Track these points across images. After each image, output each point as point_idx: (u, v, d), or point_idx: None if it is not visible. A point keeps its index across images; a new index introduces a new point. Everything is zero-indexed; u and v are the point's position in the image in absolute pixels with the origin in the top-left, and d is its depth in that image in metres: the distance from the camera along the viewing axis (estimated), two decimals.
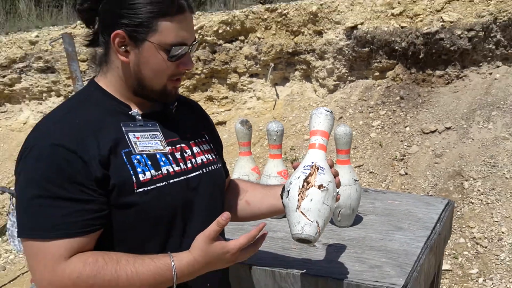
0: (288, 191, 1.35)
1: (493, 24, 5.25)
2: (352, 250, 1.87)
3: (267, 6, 6.36)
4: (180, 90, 6.46)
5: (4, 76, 6.98)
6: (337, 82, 6.09)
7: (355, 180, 2.07)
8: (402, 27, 5.58)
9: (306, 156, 1.42)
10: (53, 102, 6.96)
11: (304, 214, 1.30)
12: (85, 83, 1.56)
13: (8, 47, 6.93)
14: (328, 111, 1.50)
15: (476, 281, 3.71)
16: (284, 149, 5.35)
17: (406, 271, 1.69)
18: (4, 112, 7.21)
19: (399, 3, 5.67)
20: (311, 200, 1.30)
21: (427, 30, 5.42)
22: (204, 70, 6.54)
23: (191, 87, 6.63)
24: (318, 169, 1.35)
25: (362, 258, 1.80)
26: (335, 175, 1.41)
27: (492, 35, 5.29)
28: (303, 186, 1.33)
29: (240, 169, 2.27)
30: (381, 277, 1.65)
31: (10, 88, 7.05)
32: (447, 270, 3.83)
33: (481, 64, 5.46)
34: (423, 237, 1.99)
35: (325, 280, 1.66)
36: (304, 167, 1.37)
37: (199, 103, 5.61)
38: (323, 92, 6.18)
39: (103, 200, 1.18)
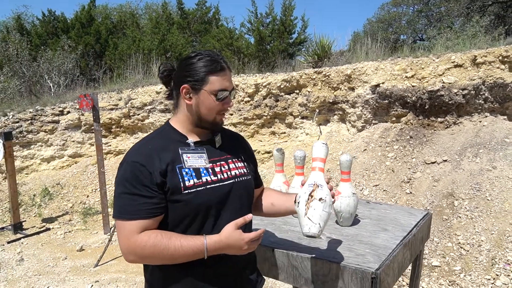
0: (299, 202, 1.43)
1: (482, 85, 5.05)
2: (347, 243, 1.89)
3: (316, 69, 6.45)
4: (252, 127, 6.71)
5: (139, 114, 7.45)
6: (364, 124, 6.04)
7: (353, 193, 2.10)
8: (413, 86, 5.48)
9: (310, 177, 1.50)
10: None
11: (310, 219, 1.38)
12: None
13: (142, 95, 7.43)
14: (324, 143, 1.57)
15: (458, 275, 3.53)
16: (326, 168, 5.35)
17: (381, 259, 1.70)
18: (137, 138, 7.60)
19: (411, 69, 5.58)
20: (314, 209, 1.39)
21: (431, 88, 5.30)
22: (270, 113, 6.68)
23: (260, 124, 6.78)
24: (318, 187, 1.43)
25: (352, 248, 1.82)
26: (331, 189, 1.47)
27: (481, 93, 5.08)
28: (308, 199, 1.41)
29: (275, 182, 2.35)
30: (362, 262, 1.67)
31: (142, 122, 7.51)
32: (436, 266, 3.67)
33: (473, 114, 5.24)
34: (400, 237, 1.97)
35: (322, 261, 1.70)
36: (308, 185, 1.45)
37: (265, 136, 5.77)
38: (354, 131, 6.14)
39: (162, 197, 1.32)
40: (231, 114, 6.80)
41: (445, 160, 4.79)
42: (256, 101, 6.70)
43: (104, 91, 7.74)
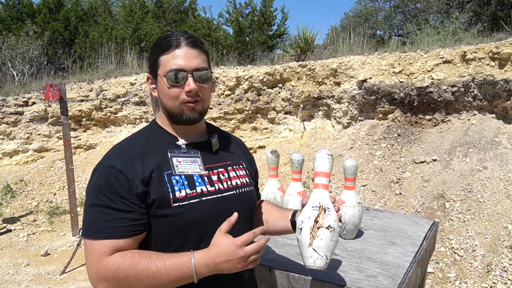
0: (301, 229, 1.20)
1: (471, 82, 4.94)
2: (353, 260, 1.69)
3: (300, 62, 6.22)
4: (233, 122, 6.42)
5: (111, 107, 7.05)
6: (350, 121, 5.86)
7: (358, 203, 1.90)
8: (401, 82, 5.33)
9: (313, 196, 1.26)
10: (143, 126, 7.01)
11: (315, 251, 1.17)
12: None
13: (115, 86, 7.03)
14: (329, 154, 1.33)
15: (453, 283, 3.38)
16: (307, 169, 5.15)
17: (396, 282, 1.51)
18: (110, 131, 7.25)
19: (399, 64, 5.42)
20: (321, 239, 1.17)
21: (419, 85, 5.16)
22: (251, 108, 6.42)
23: (241, 119, 6.51)
24: (325, 211, 1.20)
25: (361, 268, 1.62)
26: (337, 210, 1.24)
27: (470, 90, 4.98)
28: (313, 226, 1.19)
29: (268, 188, 2.12)
30: (375, 286, 1.47)
31: (115, 115, 7.11)
32: (430, 272, 3.52)
33: (461, 112, 5.13)
34: (412, 253, 1.78)
35: (330, 285, 1.49)
36: (313, 207, 1.21)
37: (246, 132, 5.48)
38: (339, 128, 5.95)
39: (143, 211, 1.08)
40: (210, 108, 6.49)
41: (435, 160, 4.66)
42: (237, 95, 6.41)
43: (74, 81, 7.28)
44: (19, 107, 6.86)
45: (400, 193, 4.43)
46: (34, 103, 6.92)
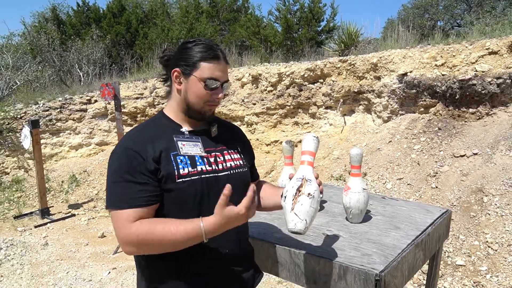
0: (285, 197, 1.36)
1: None
2: (354, 241, 1.79)
3: (341, 58, 6.23)
4: (275, 117, 6.58)
5: (163, 103, 7.44)
6: (390, 115, 5.79)
7: (364, 189, 1.99)
8: (443, 75, 5.19)
9: (298, 171, 1.42)
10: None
11: (296, 215, 1.31)
12: None
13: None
14: (314, 137, 1.48)
15: (484, 276, 3.31)
16: (345, 163, 5.18)
17: (388, 260, 1.60)
18: None
19: (441, 56, 5.28)
20: (302, 204, 1.31)
21: (462, 77, 4.99)
22: (293, 103, 6.53)
23: (283, 114, 6.65)
24: (307, 181, 1.35)
25: (359, 247, 1.72)
26: (319, 184, 1.39)
27: None
28: (295, 194, 1.34)
29: (284, 175, 2.25)
30: (367, 263, 1.58)
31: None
32: (460, 265, 3.47)
33: (508, 104, 4.90)
34: (412, 236, 1.85)
35: (325, 260, 1.62)
36: (297, 179, 1.38)
37: (288, 126, 5.64)
38: (379, 122, 5.90)
39: (156, 184, 1.29)
40: (254, 104, 6.70)
41: (476, 154, 4.51)
42: (279, 91, 6.56)
43: (131, 80, 7.82)
44: (83, 105, 7.52)
45: (437, 187, 4.35)
46: (96, 101, 7.54)
